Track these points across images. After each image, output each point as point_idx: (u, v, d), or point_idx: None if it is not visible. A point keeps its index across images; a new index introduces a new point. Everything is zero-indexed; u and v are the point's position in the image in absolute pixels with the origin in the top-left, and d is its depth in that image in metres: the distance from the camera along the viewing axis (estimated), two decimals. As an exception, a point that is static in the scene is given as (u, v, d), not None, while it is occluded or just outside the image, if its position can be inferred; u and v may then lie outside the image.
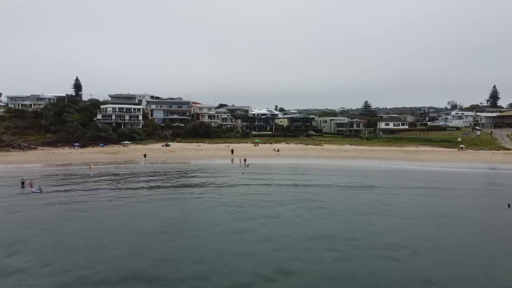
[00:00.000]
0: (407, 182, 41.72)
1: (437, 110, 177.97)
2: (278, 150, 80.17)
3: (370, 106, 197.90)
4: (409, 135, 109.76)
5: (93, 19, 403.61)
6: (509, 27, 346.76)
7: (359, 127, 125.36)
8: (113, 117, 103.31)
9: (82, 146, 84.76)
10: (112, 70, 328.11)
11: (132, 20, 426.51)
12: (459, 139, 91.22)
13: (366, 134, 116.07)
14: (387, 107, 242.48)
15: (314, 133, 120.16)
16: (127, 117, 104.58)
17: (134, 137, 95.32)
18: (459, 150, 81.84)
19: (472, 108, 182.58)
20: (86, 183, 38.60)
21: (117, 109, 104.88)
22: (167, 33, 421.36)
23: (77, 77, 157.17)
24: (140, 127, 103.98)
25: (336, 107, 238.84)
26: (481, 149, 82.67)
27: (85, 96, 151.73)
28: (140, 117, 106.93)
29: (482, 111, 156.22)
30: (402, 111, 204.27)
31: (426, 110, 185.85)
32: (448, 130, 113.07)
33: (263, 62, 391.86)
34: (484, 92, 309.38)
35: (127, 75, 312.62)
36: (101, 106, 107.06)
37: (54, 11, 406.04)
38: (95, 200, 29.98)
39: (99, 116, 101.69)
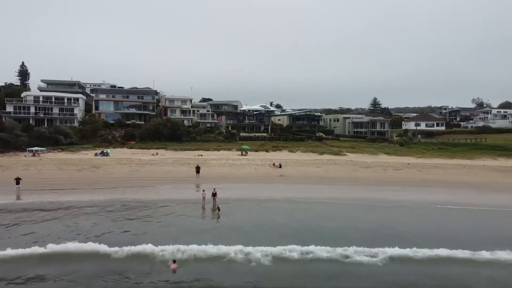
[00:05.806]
0: None
1: (466, 110, 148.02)
2: (280, 166, 47.56)
3: (380, 104, 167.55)
4: (454, 139, 79.09)
5: (80, 5, 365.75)
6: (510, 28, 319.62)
7: (384, 127, 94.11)
8: (33, 109, 69.83)
9: (-43, 155, 51.71)
10: (95, 64, 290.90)
11: (128, 12, 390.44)
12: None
13: (395, 138, 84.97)
14: (389, 107, 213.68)
15: (324, 135, 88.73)
16: (56, 110, 71.14)
17: (59, 140, 62.49)
18: None
19: (504, 106, 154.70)
20: None
21: (40, 99, 71.36)
22: (162, 27, 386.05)
23: (23, 62, 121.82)
24: (76, 124, 71.03)
25: (334, 106, 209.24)
26: None
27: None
28: (77, 111, 73.62)
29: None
30: (416, 110, 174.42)
31: (448, 109, 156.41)
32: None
33: (259, 61, 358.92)
34: (495, 92, 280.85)
35: (107, 69, 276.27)
36: (22, 95, 73.77)
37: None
38: None
39: (9, 108, 68.08)
